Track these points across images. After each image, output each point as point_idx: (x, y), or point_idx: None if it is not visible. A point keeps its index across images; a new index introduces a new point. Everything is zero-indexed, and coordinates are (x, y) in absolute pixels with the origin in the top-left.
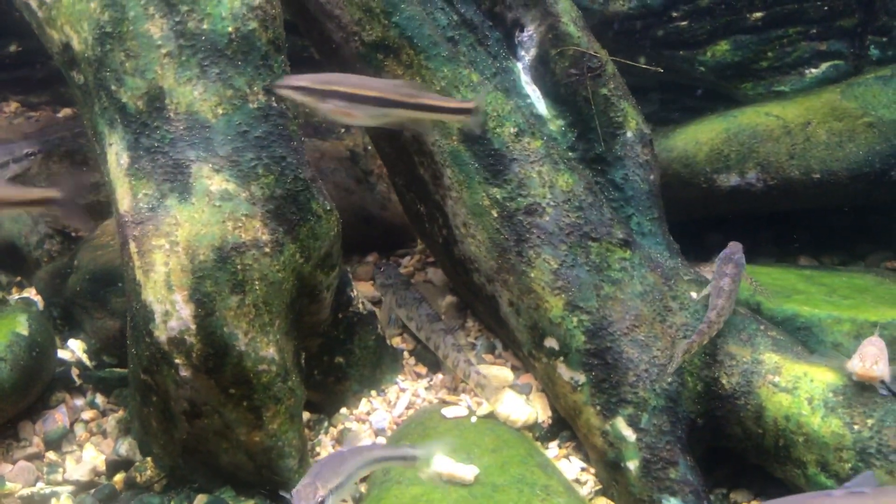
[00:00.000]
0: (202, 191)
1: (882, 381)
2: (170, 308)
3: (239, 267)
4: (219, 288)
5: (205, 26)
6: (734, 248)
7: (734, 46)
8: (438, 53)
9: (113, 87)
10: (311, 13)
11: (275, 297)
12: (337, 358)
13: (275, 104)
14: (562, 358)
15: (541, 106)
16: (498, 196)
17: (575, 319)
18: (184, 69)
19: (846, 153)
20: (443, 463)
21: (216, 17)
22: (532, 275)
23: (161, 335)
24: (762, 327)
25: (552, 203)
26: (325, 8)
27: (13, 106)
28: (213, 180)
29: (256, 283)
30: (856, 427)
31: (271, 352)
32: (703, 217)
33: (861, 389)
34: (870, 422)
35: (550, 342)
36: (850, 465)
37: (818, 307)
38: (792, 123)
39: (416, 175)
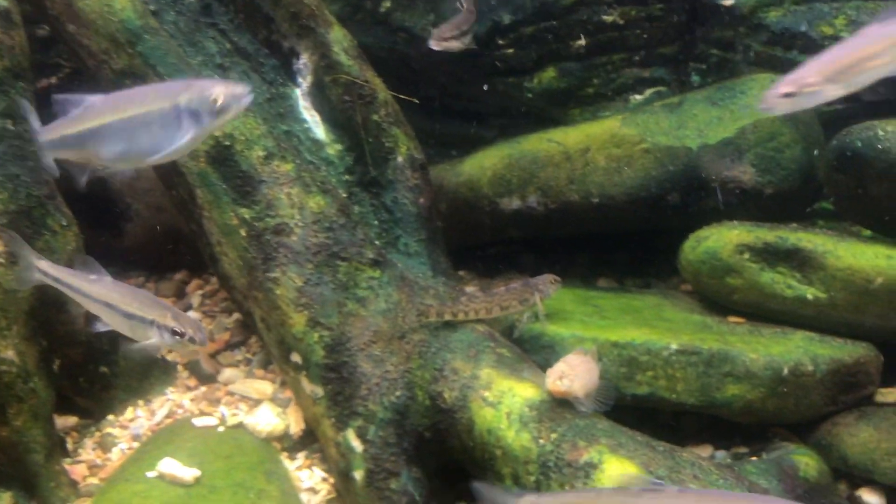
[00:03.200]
0: None
1: (576, 397)
2: None
3: None
4: None
5: None
6: (542, 278)
7: (560, 73)
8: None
9: None
10: (67, 42)
11: (11, 304)
12: (101, 367)
13: (11, 126)
14: (304, 372)
15: (319, 130)
16: (246, 216)
17: (316, 335)
18: None
19: (623, 178)
20: (167, 465)
21: None
22: (278, 292)
23: None
24: (493, 345)
25: (300, 224)
26: (75, 38)
27: None
28: None
29: None
30: (541, 441)
31: (10, 354)
32: (492, 240)
33: (556, 405)
34: (553, 436)
35: (295, 357)
36: (534, 478)
37: (567, 327)
38: (572, 150)
39: (179, 195)
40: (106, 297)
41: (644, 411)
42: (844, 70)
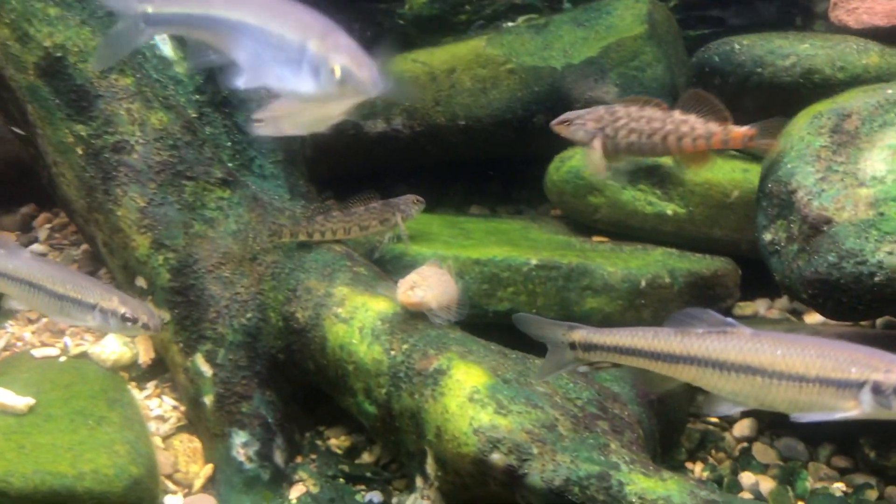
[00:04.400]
0: None
1: (429, 308)
2: None
3: None
4: None
5: None
6: (404, 198)
7: None
8: None
9: None
10: None
11: None
12: None
13: None
14: (150, 297)
15: (166, 48)
16: (83, 133)
17: (161, 258)
18: None
19: (489, 100)
20: None
21: None
22: (119, 213)
23: None
24: (349, 264)
25: (142, 141)
26: None
27: None
28: None
29: None
30: (392, 353)
31: None
32: (362, 166)
33: (409, 317)
34: (404, 347)
35: (140, 281)
36: (384, 390)
37: (430, 247)
38: (437, 70)
39: (11, 113)
40: (29, 277)
41: (508, 328)
42: None
